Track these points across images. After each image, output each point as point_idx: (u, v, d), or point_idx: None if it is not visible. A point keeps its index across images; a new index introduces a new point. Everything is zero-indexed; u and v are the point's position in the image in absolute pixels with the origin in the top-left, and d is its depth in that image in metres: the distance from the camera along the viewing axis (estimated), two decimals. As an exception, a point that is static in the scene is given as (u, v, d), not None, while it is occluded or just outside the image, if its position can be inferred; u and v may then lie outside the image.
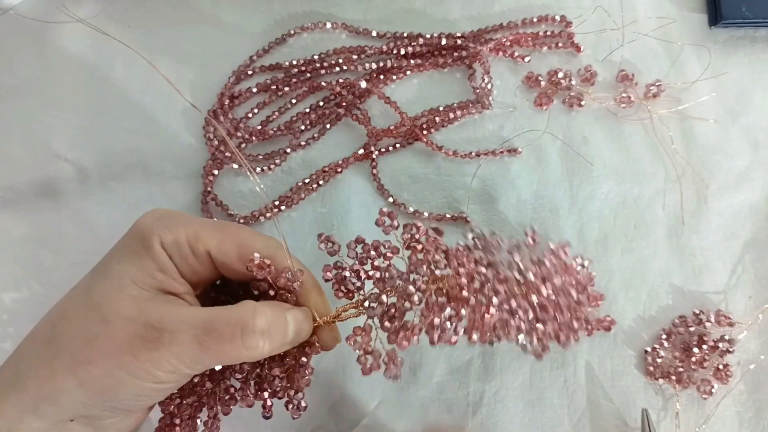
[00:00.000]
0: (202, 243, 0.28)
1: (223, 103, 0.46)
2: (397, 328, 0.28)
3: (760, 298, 0.42)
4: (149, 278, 0.28)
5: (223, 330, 0.26)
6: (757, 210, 0.44)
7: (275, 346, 0.28)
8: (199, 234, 0.28)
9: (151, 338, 0.26)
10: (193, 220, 0.29)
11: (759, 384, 0.41)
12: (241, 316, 0.27)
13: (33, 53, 0.48)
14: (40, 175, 0.45)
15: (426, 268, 0.28)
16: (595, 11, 0.47)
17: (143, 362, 0.25)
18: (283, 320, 0.28)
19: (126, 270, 0.27)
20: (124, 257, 0.28)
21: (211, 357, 0.26)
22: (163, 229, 0.28)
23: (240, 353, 0.27)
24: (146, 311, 0.26)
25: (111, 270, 0.28)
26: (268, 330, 0.27)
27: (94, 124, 0.46)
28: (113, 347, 0.26)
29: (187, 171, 0.45)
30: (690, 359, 0.41)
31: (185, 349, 0.26)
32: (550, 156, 0.45)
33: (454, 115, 0.45)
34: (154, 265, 0.28)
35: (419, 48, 0.47)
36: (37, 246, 0.44)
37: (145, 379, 0.26)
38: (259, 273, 0.29)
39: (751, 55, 0.47)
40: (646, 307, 0.43)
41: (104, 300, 0.27)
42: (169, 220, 0.29)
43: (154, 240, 0.28)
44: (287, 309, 0.29)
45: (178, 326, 0.26)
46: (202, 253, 0.29)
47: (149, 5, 0.49)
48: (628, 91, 0.46)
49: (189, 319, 0.26)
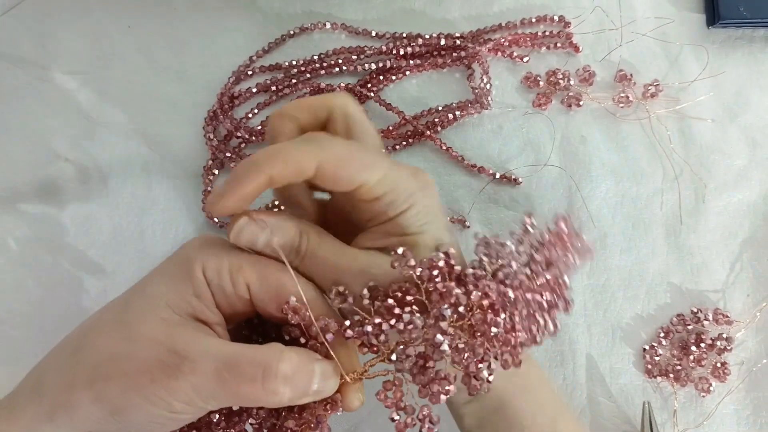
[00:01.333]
0: (243, 275, 0.27)
1: (223, 104, 0.46)
2: (428, 381, 0.26)
3: (758, 297, 0.43)
4: (184, 303, 0.27)
5: (246, 369, 0.25)
6: (755, 209, 0.44)
7: (296, 395, 0.26)
8: (242, 266, 0.27)
9: (171, 364, 0.25)
10: (237, 252, 0.28)
11: (757, 382, 0.41)
12: (266, 358, 0.25)
13: (35, 54, 0.48)
14: (41, 175, 0.45)
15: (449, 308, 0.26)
16: (594, 11, 0.48)
17: (159, 388, 0.24)
18: (309, 370, 0.26)
19: (162, 291, 0.27)
20: (163, 278, 0.27)
21: (229, 395, 0.25)
22: (207, 255, 0.27)
23: (259, 396, 0.25)
24: (173, 335, 0.25)
25: (148, 289, 0.27)
26: (292, 377, 0.25)
27: (95, 125, 0.47)
28: (132, 367, 0.25)
29: (188, 171, 0.45)
30: (688, 357, 0.41)
31: (204, 382, 0.25)
32: (550, 156, 0.45)
33: (453, 116, 0.45)
34: (191, 290, 0.27)
35: (418, 48, 0.47)
36: (37, 246, 0.44)
37: (158, 406, 0.25)
38: (293, 317, 0.28)
39: (748, 55, 0.47)
40: (644, 305, 0.43)
41: (135, 318, 0.26)
42: (214, 248, 0.28)
43: (196, 264, 0.27)
44: (316, 360, 0.27)
45: (200, 356, 0.25)
46: (242, 287, 0.28)
47: (149, 6, 0.49)
48: (627, 91, 0.46)
49: (213, 351, 0.25)
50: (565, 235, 0.31)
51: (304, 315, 0.27)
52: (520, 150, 0.45)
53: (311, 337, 0.28)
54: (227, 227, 0.28)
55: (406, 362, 0.27)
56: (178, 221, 0.45)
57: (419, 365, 0.27)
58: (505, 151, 0.45)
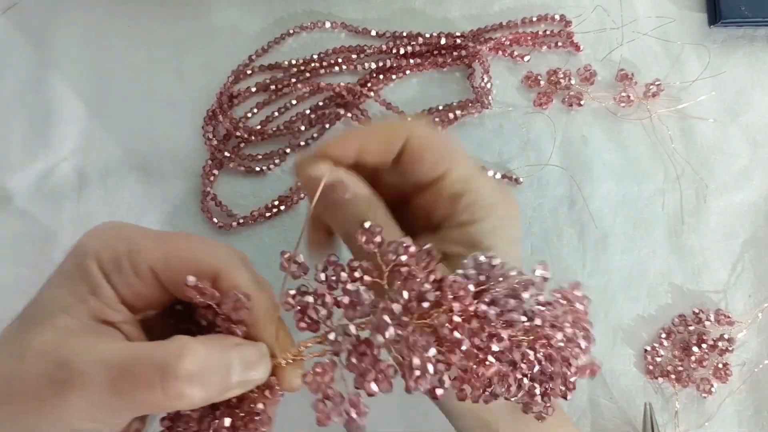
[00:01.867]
0: (143, 258, 0.24)
1: (222, 103, 0.46)
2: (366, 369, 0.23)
3: (760, 297, 0.43)
4: (80, 304, 0.23)
5: (141, 373, 0.21)
6: (757, 209, 0.44)
7: (213, 393, 0.23)
8: (140, 248, 0.24)
9: (60, 380, 0.21)
10: (137, 233, 0.25)
11: (758, 383, 0.41)
12: (164, 357, 0.22)
13: (34, 53, 0.48)
14: (39, 175, 0.45)
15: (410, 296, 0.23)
16: (595, 10, 0.47)
17: (52, 408, 0.21)
18: (223, 360, 0.23)
19: (56, 295, 0.24)
20: (57, 280, 0.24)
21: (130, 407, 0.22)
22: (101, 246, 0.24)
23: (162, 403, 0.22)
24: (62, 346, 0.22)
25: (43, 295, 0.24)
26: (198, 375, 0.22)
27: (94, 125, 0.46)
28: (20, 388, 0.22)
29: (187, 171, 0.45)
30: (689, 358, 0.41)
31: (98, 395, 0.21)
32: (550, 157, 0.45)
33: (453, 115, 0.45)
34: (86, 288, 0.24)
35: (419, 47, 0.47)
36: (36, 246, 0.44)
37: (56, 426, 0.22)
38: (199, 299, 0.24)
39: (750, 55, 0.47)
40: (645, 306, 0.43)
41: (27, 331, 0.23)
42: (110, 233, 0.25)
43: (89, 258, 0.24)
44: (234, 345, 0.24)
45: (90, 366, 0.21)
46: (146, 272, 0.24)
47: (148, 5, 0.49)
48: (628, 91, 0.46)
49: (106, 358, 0.22)
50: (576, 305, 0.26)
51: (211, 294, 0.24)
52: (521, 149, 0.45)
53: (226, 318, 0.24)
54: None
55: (345, 343, 0.23)
56: (177, 221, 0.44)
57: (360, 351, 0.23)
58: (505, 150, 0.45)
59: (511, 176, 0.44)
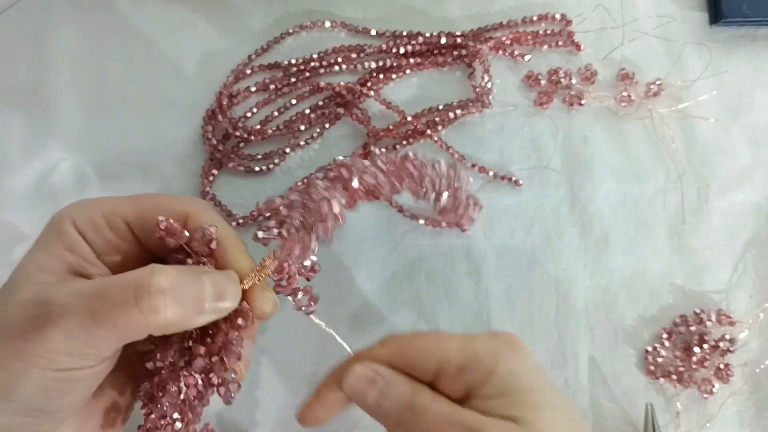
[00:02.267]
0: (118, 214, 0.27)
1: (221, 103, 0.46)
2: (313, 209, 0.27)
3: (761, 297, 0.42)
4: (57, 261, 0.25)
5: (116, 293, 0.23)
6: (759, 209, 0.44)
7: (186, 312, 0.24)
8: (113, 206, 0.27)
9: (39, 315, 0.23)
10: (111, 198, 0.28)
11: (760, 383, 0.41)
12: (136, 277, 0.24)
13: (33, 53, 0.48)
14: (39, 175, 0.45)
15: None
16: (596, 10, 0.47)
17: (35, 345, 0.23)
18: (195, 283, 0.25)
19: (34, 257, 0.26)
20: (36, 246, 0.26)
21: (107, 328, 0.23)
22: (76, 211, 0.26)
23: (138, 319, 0.23)
24: (41, 291, 0.24)
25: (23, 261, 0.26)
26: (170, 290, 0.23)
27: (93, 124, 0.46)
28: (7, 334, 0.23)
29: (186, 171, 0.45)
30: (691, 359, 0.41)
31: (77, 323, 0.23)
32: (551, 157, 0.45)
33: (453, 114, 0.45)
34: (61, 245, 0.25)
35: (419, 47, 0.47)
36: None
37: (42, 366, 0.23)
38: (170, 240, 0.26)
39: (751, 54, 0.47)
40: (646, 306, 0.42)
41: (10, 290, 0.25)
42: (82, 203, 0.27)
43: (64, 221, 0.26)
44: (204, 272, 0.25)
45: (67, 297, 0.23)
46: (121, 226, 0.27)
47: (148, 5, 0.49)
48: (629, 90, 0.46)
49: (82, 289, 0.24)
50: None
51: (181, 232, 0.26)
52: (522, 149, 0.45)
53: (196, 253, 0.26)
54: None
55: (294, 221, 0.27)
56: (177, 221, 0.44)
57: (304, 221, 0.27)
58: (506, 150, 0.45)
59: (511, 177, 0.44)
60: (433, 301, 0.42)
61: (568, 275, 0.43)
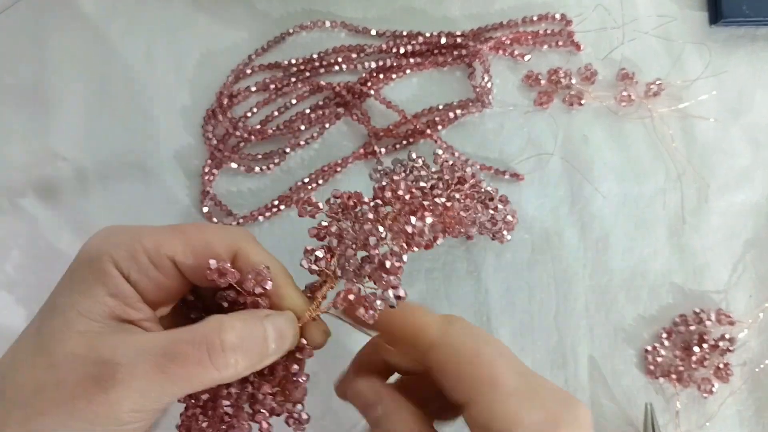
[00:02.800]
0: (163, 250, 0.25)
1: (222, 102, 0.46)
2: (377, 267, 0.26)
3: (761, 297, 0.42)
4: (99, 307, 0.24)
5: (188, 352, 0.23)
6: (758, 209, 0.44)
7: (254, 361, 0.25)
8: (158, 241, 0.25)
9: (104, 376, 0.22)
10: (148, 229, 0.26)
11: (759, 383, 0.41)
12: (206, 334, 0.23)
13: (33, 53, 0.48)
14: (39, 175, 0.45)
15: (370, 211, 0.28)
16: (596, 9, 0.47)
17: (100, 406, 0.22)
18: (259, 330, 0.25)
19: (73, 301, 0.24)
20: (71, 285, 0.25)
21: (180, 386, 0.23)
22: (114, 247, 0.25)
23: (212, 376, 0.24)
24: (95, 346, 0.23)
25: (57, 304, 0.24)
26: (240, 345, 0.24)
27: (93, 124, 0.46)
28: (63, 395, 0.22)
29: (186, 171, 0.45)
30: (690, 358, 0.41)
31: (147, 382, 0.23)
32: (551, 156, 0.45)
33: (454, 114, 0.45)
34: (104, 290, 0.24)
35: (419, 46, 0.47)
36: (35, 246, 0.44)
37: (106, 424, 0.23)
38: (221, 281, 0.26)
39: (751, 54, 0.47)
40: (646, 306, 0.43)
41: (50, 340, 0.23)
42: (120, 236, 0.25)
43: (104, 260, 0.24)
44: (265, 316, 0.25)
45: (134, 357, 0.23)
46: (166, 263, 0.25)
47: (148, 4, 0.49)
48: (629, 90, 0.46)
49: (147, 347, 0.23)
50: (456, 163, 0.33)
51: (233, 274, 0.26)
52: (522, 149, 0.45)
53: (249, 293, 0.26)
54: None
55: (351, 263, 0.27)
56: (177, 221, 0.44)
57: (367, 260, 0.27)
58: (506, 150, 0.45)
59: (513, 172, 0.44)
60: (433, 301, 0.42)
61: (567, 275, 0.43)
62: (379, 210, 0.28)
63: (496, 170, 0.44)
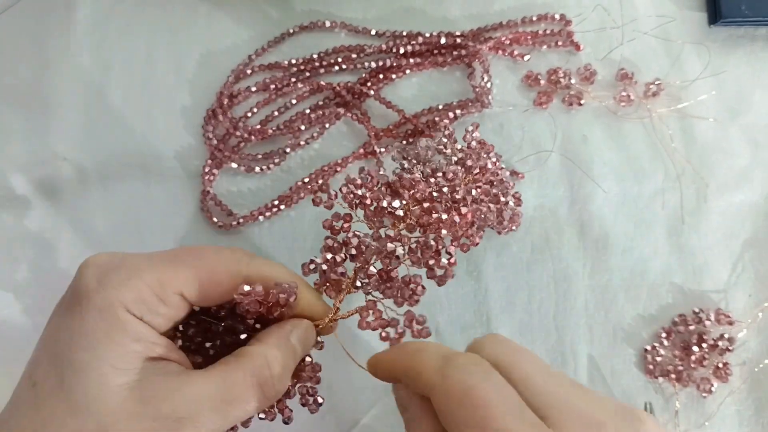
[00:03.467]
0: (170, 288, 0.25)
1: (222, 103, 0.46)
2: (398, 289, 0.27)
3: (760, 297, 0.42)
4: (129, 355, 0.24)
5: (245, 394, 0.25)
6: (757, 209, 0.44)
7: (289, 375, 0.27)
8: (160, 278, 0.25)
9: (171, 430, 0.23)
10: (144, 262, 0.25)
11: (759, 382, 0.41)
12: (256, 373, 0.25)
13: (33, 53, 0.48)
14: (39, 175, 0.45)
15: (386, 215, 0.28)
16: (595, 10, 0.47)
17: None
18: (291, 350, 0.27)
19: (99, 355, 0.23)
20: (89, 342, 0.23)
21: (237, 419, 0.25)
22: (118, 289, 0.24)
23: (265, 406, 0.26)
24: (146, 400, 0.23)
25: (81, 360, 0.23)
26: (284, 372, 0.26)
27: (93, 124, 0.46)
28: None
29: (187, 171, 0.45)
30: (690, 358, 0.41)
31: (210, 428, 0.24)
32: (550, 155, 0.45)
33: (453, 114, 0.45)
34: (127, 339, 0.24)
35: (419, 47, 0.47)
36: (35, 245, 0.44)
37: None
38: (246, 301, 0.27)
39: (750, 54, 0.47)
40: (645, 305, 0.43)
41: (93, 402, 0.22)
42: (119, 274, 0.25)
43: (115, 308, 0.24)
44: (290, 332, 0.27)
45: (194, 407, 0.23)
46: (174, 299, 0.26)
47: (148, 4, 0.49)
48: (628, 90, 0.46)
49: (204, 395, 0.24)
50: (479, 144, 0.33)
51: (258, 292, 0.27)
52: (521, 149, 0.45)
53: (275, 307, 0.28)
54: None
55: (371, 281, 0.28)
56: (177, 221, 0.44)
57: (384, 279, 0.28)
58: (505, 149, 0.45)
59: (512, 170, 0.44)
60: (433, 301, 0.42)
61: (567, 275, 0.43)
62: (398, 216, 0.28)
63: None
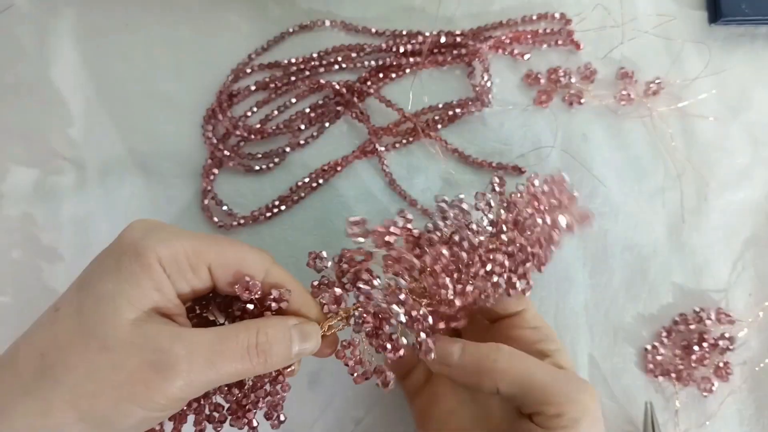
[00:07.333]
0: (203, 258, 0.27)
1: (221, 102, 0.46)
2: (381, 343, 0.29)
3: (761, 296, 0.42)
4: (147, 298, 0.26)
5: (233, 349, 0.26)
6: (758, 207, 0.44)
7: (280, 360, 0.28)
8: (198, 248, 0.27)
9: (165, 365, 0.24)
10: (188, 234, 0.27)
11: (759, 381, 0.41)
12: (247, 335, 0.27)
13: (33, 53, 0.48)
14: (39, 174, 0.45)
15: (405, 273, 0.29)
16: (595, 9, 0.47)
17: (156, 392, 0.24)
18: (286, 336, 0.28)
19: (121, 290, 0.25)
20: (115, 275, 0.26)
21: (221, 377, 0.26)
22: (158, 244, 0.26)
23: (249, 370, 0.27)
24: (152, 336, 0.25)
25: (103, 290, 0.25)
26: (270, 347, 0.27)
27: (93, 124, 0.46)
28: (122, 378, 0.24)
29: (187, 170, 0.45)
30: (690, 357, 0.41)
31: (199, 374, 0.25)
32: (550, 155, 0.45)
33: (453, 113, 0.45)
34: (151, 284, 0.26)
35: (418, 46, 0.47)
36: (35, 245, 0.44)
37: (152, 409, 0.25)
38: (245, 294, 0.28)
39: (751, 53, 0.47)
40: (646, 305, 0.43)
41: (101, 325, 0.25)
42: (162, 234, 0.27)
43: (150, 256, 0.26)
44: (293, 325, 0.28)
45: (190, 350, 0.25)
46: (203, 270, 0.27)
47: (148, 4, 0.49)
48: (628, 89, 0.46)
49: (200, 342, 0.25)
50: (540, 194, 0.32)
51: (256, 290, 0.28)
52: (521, 148, 0.45)
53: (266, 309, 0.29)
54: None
55: (364, 327, 0.29)
56: (177, 220, 0.44)
57: (374, 329, 0.29)
58: (505, 149, 0.45)
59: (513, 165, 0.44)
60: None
61: (568, 274, 0.43)
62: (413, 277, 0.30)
63: (498, 164, 0.44)
